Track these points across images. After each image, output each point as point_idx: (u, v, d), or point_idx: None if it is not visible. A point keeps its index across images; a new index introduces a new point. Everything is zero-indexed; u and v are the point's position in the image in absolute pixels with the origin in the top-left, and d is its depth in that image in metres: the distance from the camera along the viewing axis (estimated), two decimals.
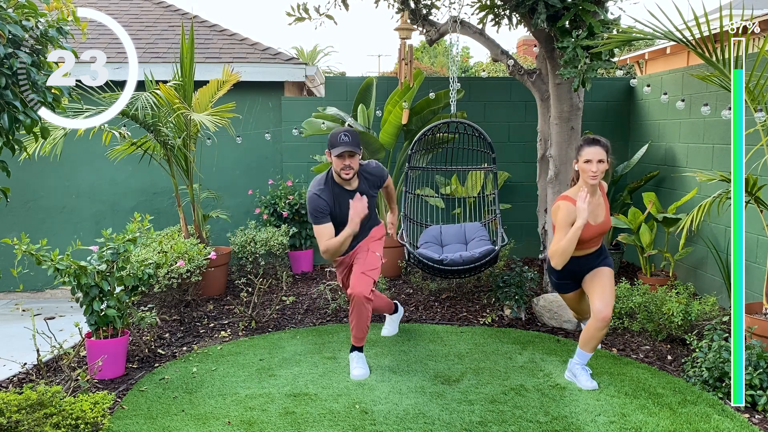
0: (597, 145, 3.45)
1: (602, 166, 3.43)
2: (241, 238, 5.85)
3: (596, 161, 3.41)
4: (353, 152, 3.61)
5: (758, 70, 3.75)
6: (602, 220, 3.57)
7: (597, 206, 3.55)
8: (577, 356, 3.62)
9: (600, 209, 3.57)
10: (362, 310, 3.69)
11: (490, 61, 12.72)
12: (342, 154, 3.60)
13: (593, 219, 3.53)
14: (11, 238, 3.70)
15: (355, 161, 3.64)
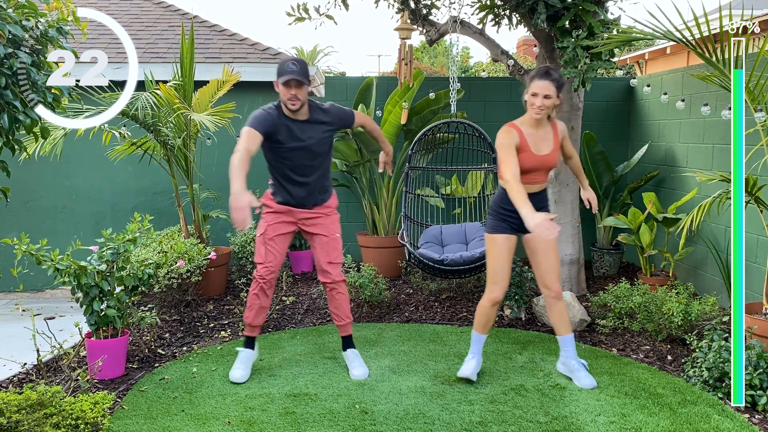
0: (547, 78, 3.35)
1: (548, 102, 3.37)
2: (241, 238, 5.84)
3: (542, 96, 3.35)
4: (301, 81, 3.50)
5: (758, 70, 3.74)
6: (546, 153, 3.51)
7: (542, 139, 3.51)
8: (566, 345, 3.63)
9: (546, 143, 3.52)
10: (340, 292, 3.75)
11: (490, 61, 12.72)
12: (289, 82, 3.50)
13: (536, 149, 3.48)
14: (11, 238, 3.70)
15: (302, 92, 3.53)
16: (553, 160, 3.57)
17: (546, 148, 3.53)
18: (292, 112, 3.59)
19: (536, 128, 3.51)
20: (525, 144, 3.49)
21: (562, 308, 3.63)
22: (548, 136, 3.55)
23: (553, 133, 3.57)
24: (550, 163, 3.56)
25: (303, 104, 3.58)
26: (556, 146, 3.57)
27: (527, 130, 3.51)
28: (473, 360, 3.67)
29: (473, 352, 3.70)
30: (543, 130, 3.54)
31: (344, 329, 3.86)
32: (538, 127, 3.51)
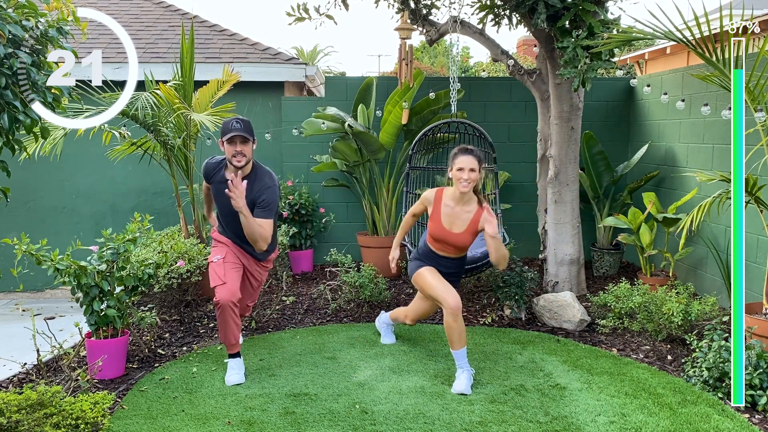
0: (470, 154, 3.55)
1: (473, 175, 3.52)
2: None
3: (468, 170, 3.51)
4: (245, 138, 3.55)
5: (758, 70, 3.75)
6: (458, 231, 3.63)
7: (459, 216, 3.62)
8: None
9: (461, 221, 3.62)
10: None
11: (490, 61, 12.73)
12: (233, 138, 3.54)
13: (448, 224, 3.63)
14: (11, 238, 3.70)
15: (247, 149, 3.57)
16: (462, 241, 3.65)
17: (461, 225, 3.63)
18: (237, 170, 3.61)
19: (457, 203, 3.63)
20: (436, 214, 3.67)
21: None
22: (467, 216, 3.63)
23: (473, 217, 3.61)
24: (458, 242, 3.66)
25: (248, 161, 3.62)
26: (469, 229, 3.63)
27: (447, 202, 3.66)
28: (464, 373, 3.58)
29: (461, 366, 3.61)
30: (463, 208, 3.63)
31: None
32: (460, 202, 3.62)
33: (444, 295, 3.58)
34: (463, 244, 3.67)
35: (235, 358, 3.77)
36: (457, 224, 3.63)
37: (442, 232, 3.66)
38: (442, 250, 3.74)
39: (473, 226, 3.62)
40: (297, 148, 6.60)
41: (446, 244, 3.69)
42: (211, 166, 3.85)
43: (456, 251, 3.74)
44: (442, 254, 3.75)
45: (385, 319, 4.36)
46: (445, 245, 3.70)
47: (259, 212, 3.60)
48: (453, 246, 3.69)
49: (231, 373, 3.71)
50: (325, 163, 6.23)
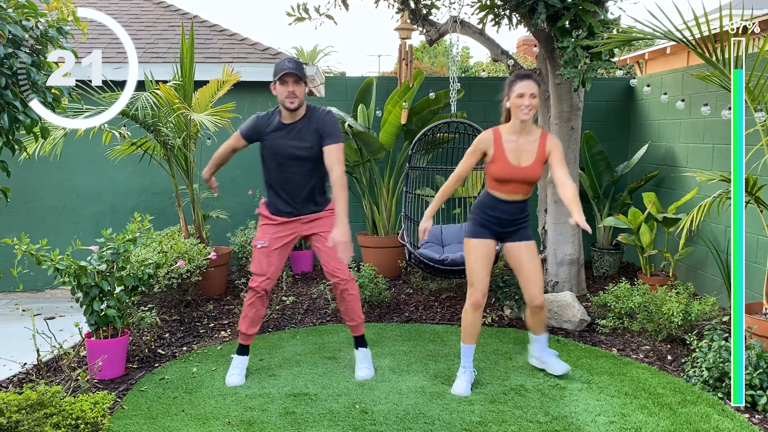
0: (529, 79, 3.35)
1: (534, 101, 3.33)
2: (241, 238, 5.84)
3: (529, 95, 3.30)
4: (298, 77, 3.46)
5: (758, 70, 3.75)
6: (527, 164, 3.40)
7: (524, 148, 3.40)
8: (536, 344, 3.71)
9: (527, 153, 3.40)
10: (351, 291, 3.66)
11: (490, 61, 12.72)
12: (285, 78, 3.45)
13: (516, 160, 3.40)
14: (11, 238, 3.70)
15: (299, 89, 3.47)
16: (533, 173, 3.42)
17: (527, 159, 3.42)
18: (290, 113, 3.53)
19: (519, 134, 3.42)
20: (500, 152, 3.42)
21: (544, 315, 3.64)
22: (532, 147, 3.42)
23: (540, 144, 3.43)
24: (528, 176, 3.42)
25: (301, 103, 3.53)
26: (539, 159, 3.42)
27: (508, 137, 3.43)
28: (465, 374, 3.55)
29: (464, 366, 3.57)
30: (527, 138, 3.42)
31: (355, 329, 3.80)
32: (522, 133, 3.41)
33: (476, 284, 3.46)
34: (534, 177, 3.42)
35: (242, 355, 3.76)
36: (525, 157, 3.39)
37: (510, 170, 3.38)
38: (511, 193, 3.46)
39: (541, 154, 3.41)
40: None
41: (516, 184, 3.42)
42: (263, 119, 3.62)
43: (526, 189, 3.48)
44: (508, 198, 3.48)
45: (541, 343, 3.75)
46: (515, 186, 3.43)
47: (330, 140, 3.53)
48: (524, 182, 3.42)
49: (232, 373, 3.70)
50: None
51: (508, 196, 3.48)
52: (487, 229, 3.54)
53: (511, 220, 3.53)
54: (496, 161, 3.43)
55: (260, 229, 3.72)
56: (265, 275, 3.63)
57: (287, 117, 3.57)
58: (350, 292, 3.68)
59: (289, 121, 3.57)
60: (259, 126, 3.63)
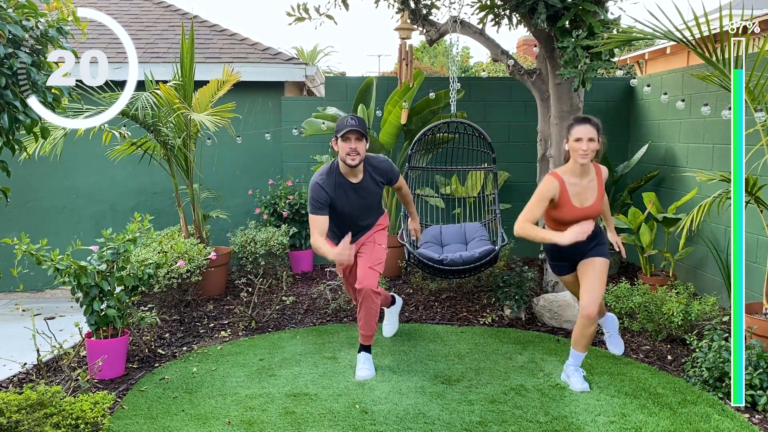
0: (587, 123, 3.39)
1: (593, 145, 3.36)
2: (241, 238, 5.85)
3: (587, 140, 3.35)
4: (360, 134, 3.52)
5: (758, 70, 3.74)
6: (590, 204, 3.45)
7: (586, 189, 3.45)
8: (570, 357, 3.61)
9: (589, 192, 3.45)
10: (370, 304, 3.68)
11: (490, 61, 12.72)
12: (348, 135, 3.51)
13: (579, 202, 3.44)
14: (11, 238, 3.70)
15: (361, 146, 3.55)
16: (597, 211, 3.48)
17: (590, 198, 3.46)
18: (351, 168, 3.60)
19: (581, 177, 3.45)
20: (566, 197, 3.43)
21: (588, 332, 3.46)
22: (592, 185, 3.48)
23: (598, 180, 3.50)
24: (594, 214, 3.47)
25: (362, 159, 3.60)
26: (600, 194, 3.49)
27: (570, 180, 3.45)
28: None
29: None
30: (587, 178, 3.47)
31: (365, 339, 3.83)
32: (582, 175, 3.45)
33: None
34: (598, 213, 3.48)
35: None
36: (588, 197, 3.45)
37: (576, 213, 3.42)
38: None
39: (601, 190, 3.47)
40: (297, 148, 6.60)
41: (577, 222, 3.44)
42: (328, 182, 3.63)
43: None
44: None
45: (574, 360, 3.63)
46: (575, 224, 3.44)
47: (396, 179, 3.88)
48: (590, 219, 3.44)
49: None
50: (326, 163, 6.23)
51: None
52: (563, 266, 3.69)
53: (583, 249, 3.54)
54: (561, 207, 3.46)
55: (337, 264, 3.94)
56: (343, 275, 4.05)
57: (350, 174, 3.66)
58: (368, 303, 3.70)
59: (354, 179, 3.68)
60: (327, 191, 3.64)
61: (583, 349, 3.55)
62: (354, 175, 3.66)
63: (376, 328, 3.84)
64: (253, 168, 6.73)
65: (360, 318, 3.76)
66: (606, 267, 3.53)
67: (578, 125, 3.39)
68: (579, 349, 3.55)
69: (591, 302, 3.39)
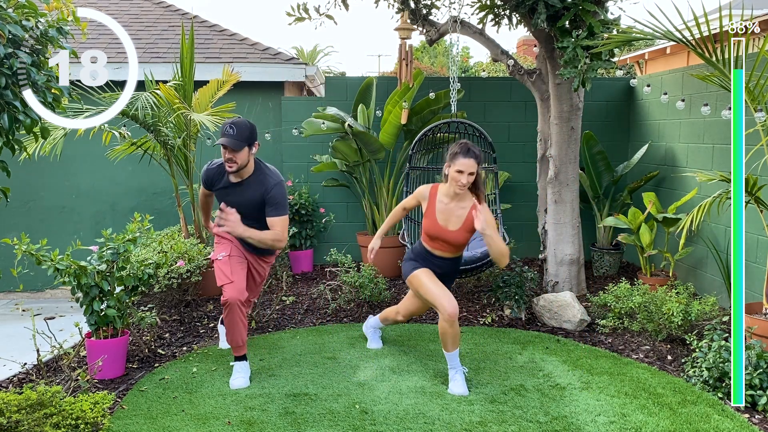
0: (471, 157, 3.44)
1: (471, 178, 3.46)
2: None
3: (467, 173, 3.44)
4: (234, 149, 3.48)
5: (758, 70, 3.75)
6: (453, 229, 3.56)
7: (453, 213, 3.56)
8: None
9: (455, 218, 3.56)
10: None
11: (490, 61, 12.72)
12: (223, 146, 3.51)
13: (444, 221, 3.57)
14: (11, 238, 3.70)
15: (239, 155, 3.50)
16: (457, 238, 3.58)
17: (453, 225, 3.57)
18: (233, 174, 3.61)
19: (452, 200, 3.57)
20: (431, 210, 3.60)
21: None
22: (460, 213, 3.57)
23: (468, 214, 3.55)
24: (452, 240, 3.59)
25: (240, 167, 3.57)
26: (464, 227, 3.57)
27: (442, 198, 3.60)
28: (458, 374, 3.56)
29: (453, 367, 3.58)
30: (458, 204, 3.57)
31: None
32: (454, 199, 3.57)
33: (441, 300, 3.48)
34: (458, 241, 3.61)
35: (242, 361, 3.73)
36: (453, 221, 3.57)
37: (436, 229, 3.59)
38: (438, 249, 3.67)
39: (468, 223, 3.55)
40: (297, 148, 6.60)
41: (442, 242, 3.62)
42: (213, 173, 3.76)
43: (452, 250, 3.68)
44: (437, 254, 3.68)
45: (373, 323, 4.26)
46: (441, 243, 3.63)
47: (271, 211, 3.60)
48: (449, 244, 3.62)
49: (236, 376, 3.66)
50: (325, 163, 6.23)
51: (437, 251, 3.69)
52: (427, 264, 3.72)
53: (440, 274, 3.70)
54: (426, 217, 3.65)
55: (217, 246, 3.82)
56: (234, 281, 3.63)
57: (234, 176, 3.66)
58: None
59: (235, 180, 3.67)
60: (210, 179, 3.77)
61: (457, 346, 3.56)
62: (238, 177, 3.66)
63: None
64: None
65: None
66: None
67: (463, 158, 3.44)
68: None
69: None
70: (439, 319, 3.54)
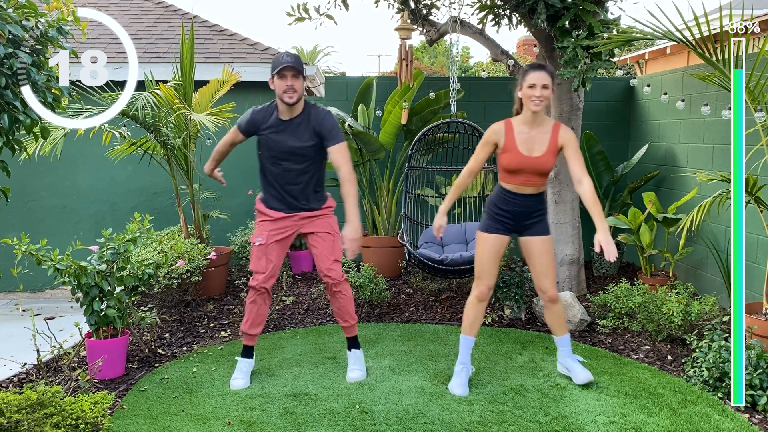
0: (542, 70, 3.31)
1: (546, 92, 3.30)
2: (241, 238, 5.85)
3: (540, 86, 3.27)
4: (297, 71, 3.43)
5: (758, 70, 3.74)
6: (538, 154, 3.36)
7: (535, 139, 3.37)
8: (559, 346, 3.62)
9: (539, 143, 3.37)
10: (345, 292, 3.64)
11: (490, 61, 12.72)
12: (283, 72, 3.40)
13: (527, 150, 3.36)
14: (11, 238, 3.70)
15: (298, 83, 3.43)
16: (544, 164, 3.38)
17: (539, 149, 3.38)
18: (288, 107, 3.49)
19: (531, 126, 3.38)
20: (511, 142, 3.38)
21: (559, 311, 3.59)
22: (544, 138, 3.39)
23: (552, 135, 3.40)
24: (540, 167, 3.38)
25: (300, 98, 3.49)
26: (550, 149, 3.39)
27: (520, 128, 3.40)
28: (463, 372, 3.54)
29: (462, 362, 3.57)
30: (539, 129, 3.39)
31: (348, 330, 3.77)
32: (533, 124, 3.38)
33: (483, 277, 3.46)
34: (545, 167, 3.37)
35: (247, 358, 3.72)
36: (537, 148, 3.35)
37: (521, 160, 3.34)
38: (523, 185, 3.41)
39: (554, 145, 3.37)
40: None
41: (528, 175, 3.37)
42: (260, 114, 3.56)
43: (537, 181, 3.41)
44: (521, 192, 3.43)
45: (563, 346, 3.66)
46: (526, 177, 3.38)
47: (331, 140, 3.51)
48: (535, 173, 3.37)
49: (236, 376, 3.64)
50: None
51: (520, 189, 3.44)
52: (500, 224, 3.51)
53: (526, 213, 3.49)
54: (507, 151, 3.39)
55: (258, 226, 3.69)
56: (264, 272, 3.59)
57: (285, 113, 3.53)
58: (342, 293, 3.65)
59: (286, 117, 3.54)
60: (256, 120, 3.59)
61: (564, 330, 3.58)
62: (290, 113, 3.53)
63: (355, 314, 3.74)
64: (253, 168, 6.65)
65: (336, 311, 3.69)
66: (552, 243, 3.57)
67: (533, 71, 3.30)
68: (561, 333, 3.57)
69: (550, 285, 3.50)
70: (471, 293, 3.51)
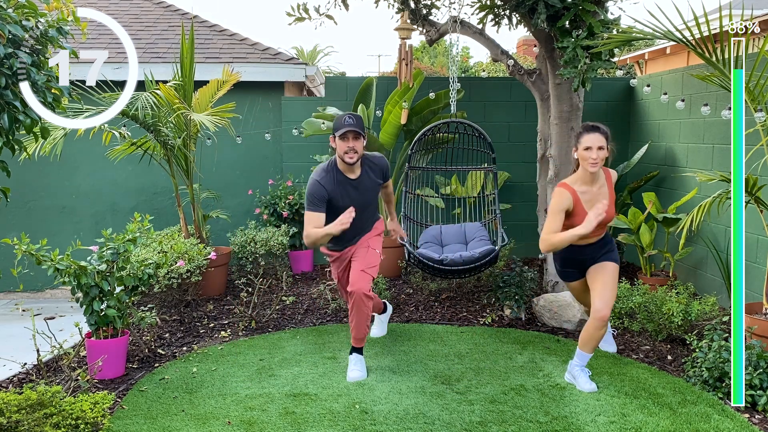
0: (597, 131, 3.38)
1: (602, 153, 3.38)
2: (241, 238, 5.85)
3: (596, 148, 3.35)
4: (358, 133, 3.56)
5: (758, 70, 3.74)
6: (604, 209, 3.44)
7: (597, 195, 3.46)
8: (576, 357, 3.60)
9: (601, 198, 3.46)
10: (362, 307, 3.68)
11: (490, 61, 12.72)
12: (346, 134, 3.56)
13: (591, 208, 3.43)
14: (11, 238, 3.70)
15: (359, 144, 3.60)
16: (610, 216, 3.47)
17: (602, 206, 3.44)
18: (349, 166, 3.64)
19: (591, 184, 3.46)
20: (579, 207, 3.44)
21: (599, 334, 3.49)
22: (603, 191, 3.48)
23: (608, 185, 3.50)
24: (607, 220, 3.47)
25: (359, 157, 3.64)
26: (611, 199, 3.48)
27: (581, 188, 3.46)
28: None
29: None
30: (598, 184, 3.48)
31: (357, 341, 3.82)
32: (593, 182, 3.45)
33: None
34: (609, 219, 3.47)
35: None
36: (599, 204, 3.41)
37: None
38: (587, 238, 3.50)
39: (612, 194, 3.49)
40: (297, 148, 6.60)
41: (595, 230, 3.43)
42: (326, 179, 3.67)
43: (601, 232, 3.54)
44: (586, 243, 3.55)
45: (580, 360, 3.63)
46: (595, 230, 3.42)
47: (387, 179, 3.96)
48: (603, 225, 3.48)
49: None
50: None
51: (585, 241, 3.54)
52: (576, 271, 3.70)
53: (594, 255, 3.60)
54: (576, 215, 3.45)
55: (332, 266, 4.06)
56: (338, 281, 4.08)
57: (348, 171, 3.69)
58: (360, 307, 3.69)
59: (352, 175, 3.71)
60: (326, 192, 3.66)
61: (591, 351, 3.56)
62: (352, 171, 3.70)
63: (368, 331, 3.87)
64: (253, 168, 6.73)
65: (351, 321, 3.76)
66: (617, 271, 3.57)
67: (587, 134, 3.39)
68: (587, 350, 3.55)
69: (605, 305, 3.43)
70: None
